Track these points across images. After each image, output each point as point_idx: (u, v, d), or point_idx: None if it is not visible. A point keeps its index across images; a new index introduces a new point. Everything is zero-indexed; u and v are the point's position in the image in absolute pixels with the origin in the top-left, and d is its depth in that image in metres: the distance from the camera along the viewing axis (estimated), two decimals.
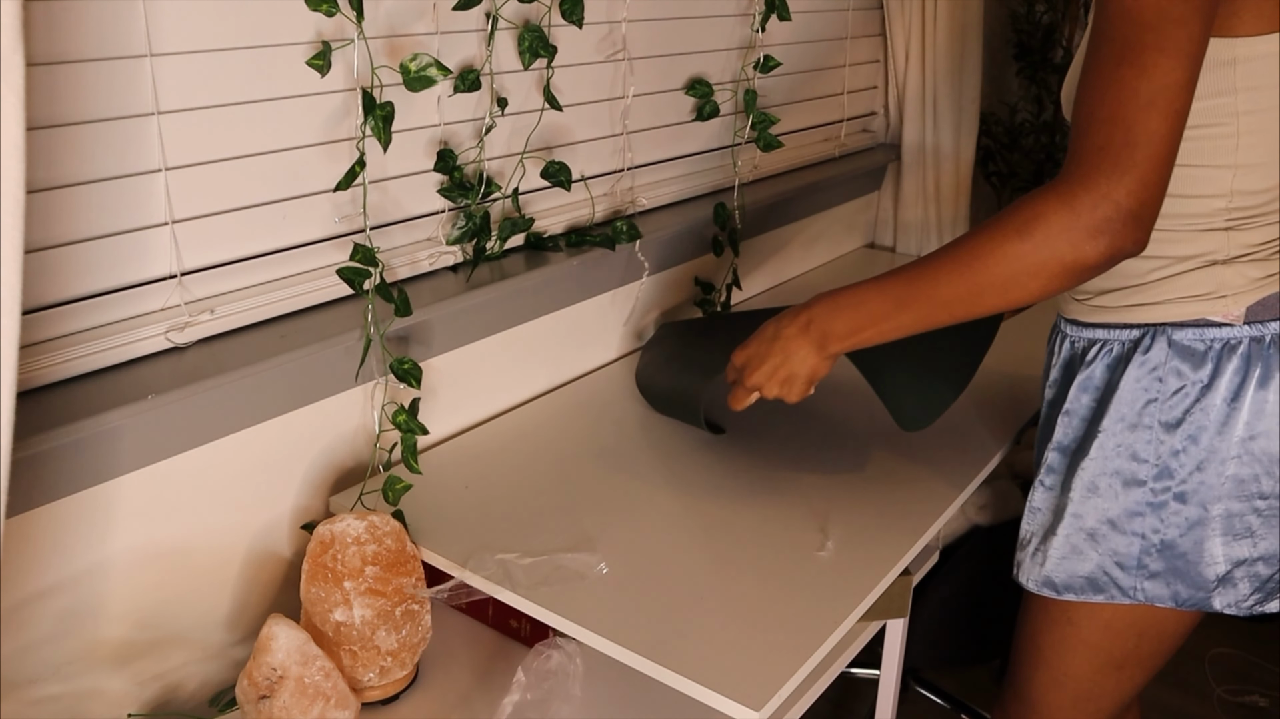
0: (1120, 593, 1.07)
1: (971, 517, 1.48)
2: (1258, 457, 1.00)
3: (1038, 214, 0.88)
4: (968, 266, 0.94)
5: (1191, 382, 1.01)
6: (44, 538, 0.92)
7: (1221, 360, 1.00)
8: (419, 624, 0.99)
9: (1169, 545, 1.04)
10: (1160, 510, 1.04)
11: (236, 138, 1.03)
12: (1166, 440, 1.02)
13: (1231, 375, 1.00)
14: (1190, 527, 1.03)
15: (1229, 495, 1.02)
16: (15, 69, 0.65)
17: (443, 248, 1.27)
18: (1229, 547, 1.03)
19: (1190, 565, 1.04)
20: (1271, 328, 1.00)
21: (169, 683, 1.05)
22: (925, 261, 0.98)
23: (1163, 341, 1.02)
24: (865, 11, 2.02)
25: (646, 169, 1.57)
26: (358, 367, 1.15)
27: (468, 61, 1.23)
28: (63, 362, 0.95)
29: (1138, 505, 1.05)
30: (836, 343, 1.05)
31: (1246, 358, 1.00)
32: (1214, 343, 1.00)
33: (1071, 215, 0.86)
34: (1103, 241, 0.86)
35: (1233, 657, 2.13)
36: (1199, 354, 1.01)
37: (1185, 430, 1.02)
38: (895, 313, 1.01)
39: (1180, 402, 1.02)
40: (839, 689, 2.02)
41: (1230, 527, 1.03)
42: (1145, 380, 1.03)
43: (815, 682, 1.08)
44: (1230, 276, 1.00)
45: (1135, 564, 1.06)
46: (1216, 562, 1.04)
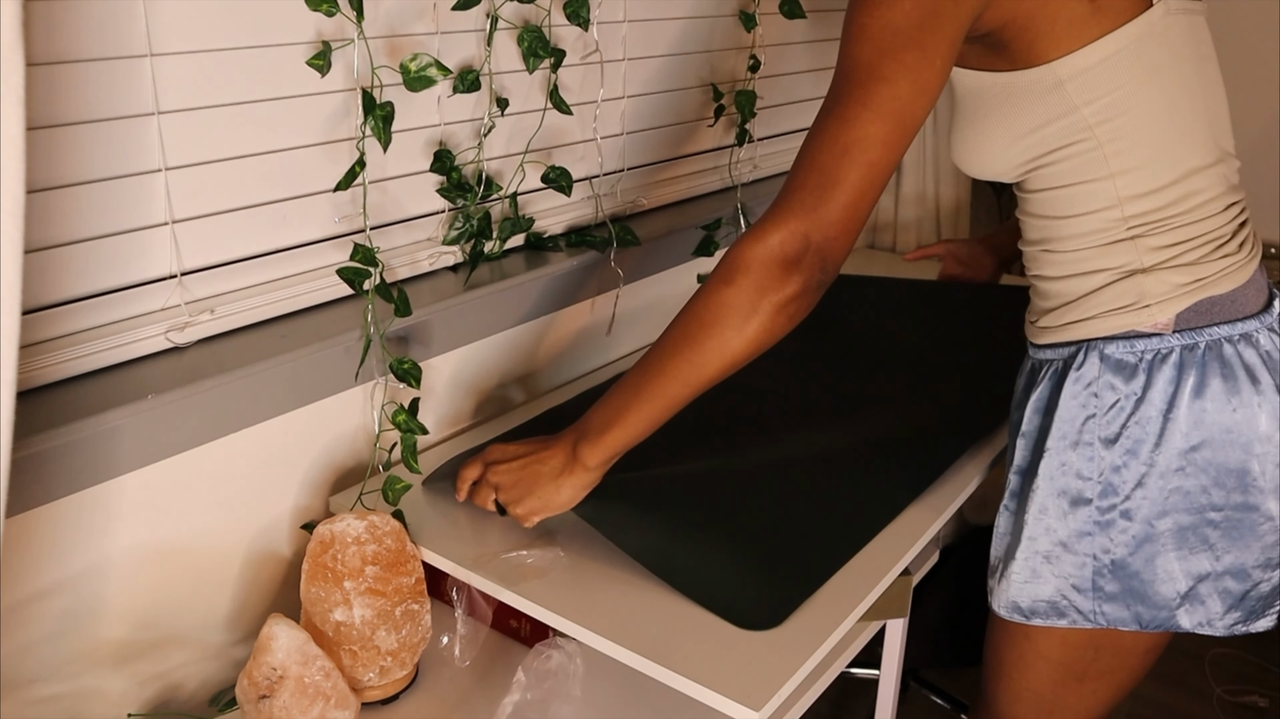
0: (1081, 617, 1.06)
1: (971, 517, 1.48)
2: (1203, 468, 0.99)
3: (736, 258, 0.93)
4: (684, 328, 0.96)
5: (1125, 395, 1.00)
6: (44, 538, 0.92)
7: (1153, 371, 0.99)
8: (419, 624, 0.99)
9: (1120, 565, 1.02)
10: (1108, 529, 1.02)
11: (236, 138, 1.03)
12: (1107, 456, 1.01)
13: (1164, 385, 0.98)
14: (1139, 544, 1.01)
15: (1176, 509, 1.00)
16: (15, 69, 0.65)
17: (442, 248, 1.27)
18: (1185, 561, 1.01)
19: (1145, 585, 1.02)
20: (1206, 334, 0.98)
21: (169, 683, 1.05)
22: (655, 343, 0.99)
23: (1095, 356, 1.02)
24: None
25: (646, 169, 1.57)
26: (358, 366, 1.15)
27: (468, 61, 1.24)
28: (63, 361, 0.95)
29: (1086, 525, 1.03)
30: (588, 446, 1.03)
31: (1179, 366, 0.98)
32: (1145, 354, 1.00)
33: (765, 251, 0.91)
34: (795, 273, 0.91)
35: (1233, 657, 2.13)
36: (1130, 366, 1.00)
37: (1123, 445, 1.00)
38: (634, 401, 1.00)
39: (1116, 416, 1.00)
40: (839, 689, 2.02)
41: (1183, 540, 1.01)
42: (1082, 397, 1.02)
43: (815, 682, 1.08)
44: (1152, 285, 0.99)
45: (1090, 587, 1.04)
46: (1174, 578, 1.02)
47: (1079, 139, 0.98)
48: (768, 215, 0.92)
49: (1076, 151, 0.98)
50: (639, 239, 1.45)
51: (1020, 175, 1.04)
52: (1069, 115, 0.97)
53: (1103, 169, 0.98)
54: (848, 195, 0.90)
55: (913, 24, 0.89)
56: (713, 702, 0.87)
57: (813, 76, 1.92)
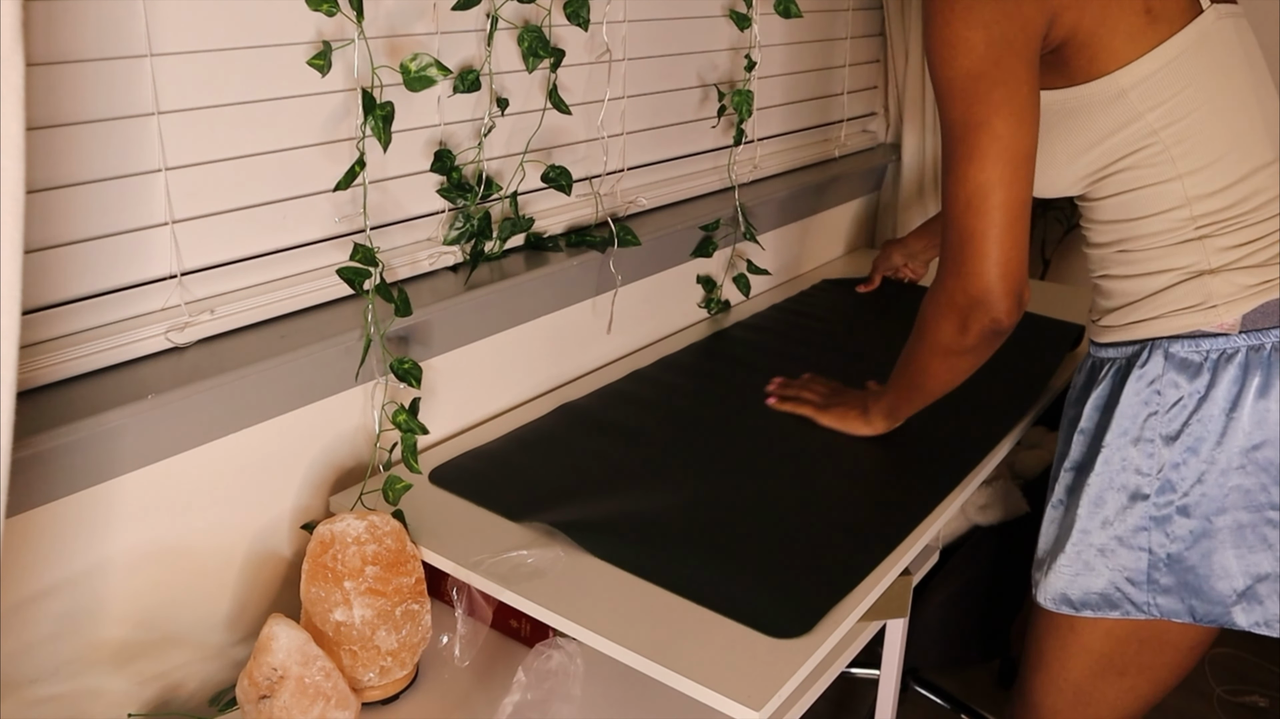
0: (1135, 608, 1.07)
1: (971, 517, 1.48)
2: (1264, 467, 1.00)
3: (922, 315, 1.10)
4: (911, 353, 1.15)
5: (1188, 393, 1.01)
6: (44, 538, 0.92)
7: (1218, 370, 1.00)
8: (419, 624, 0.99)
9: (1176, 560, 1.04)
10: (1165, 524, 1.03)
11: (236, 138, 1.03)
12: (1166, 453, 1.02)
13: (1229, 385, 1.00)
14: (1196, 540, 1.02)
15: (1235, 507, 1.01)
16: (15, 69, 0.65)
17: (442, 248, 1.27)
18: (1244, 560, 1.02)
19: (1202, 580, 1.03)
20: (1272, 335, 0.99)
21: (169, 683, 1.05)
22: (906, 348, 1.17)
23: (1159, 355, 1.03)
24: (865, 11, 2.02)
25: (646, 169, 1.57)
26: (358, 366, 1.15)
27: (468, 61, 1.24)
28: (63, 361, 0.95)
29: (1142, 520, 1.04)
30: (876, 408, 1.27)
31: (1244, 367, 0.99)
32: (1210, 353, 1.01)
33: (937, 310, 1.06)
34: (971, 324, 1.03)
35: (1233, 657, 2.13)
36: (1195, 365, 1.01)
37: (1184, 443, 1.02)
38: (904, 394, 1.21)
39: (1179, 414, 1.02)
40: (839, 689, 2.02)
41: (1242, 539, 1.02)
42: (1144, 394, 1.04)
43: (815, 682, 1.08)
44: (1219, 285, 1.01)
45: (1145, 580, 1.05)
46: (1231, 575, 1.02)
47: (1146, 144, 1.00)
48: (939, 273, 1.04)
49: (1145, 158, 1.01)
50: (639, 239, 1.45)
51: (1087, 187, 1.07)
52: (1134, 123, 1.00)
53: (1170, 170, 1.01)
54: (988, 246, 0.97)
55: (990, 63, 0.94)
56: (713, 702, 0.87)
57: (813, 76, 1.92)
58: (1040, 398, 1.42)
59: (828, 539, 1.08)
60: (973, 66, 0.94)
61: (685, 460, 1.24)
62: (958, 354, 1.07)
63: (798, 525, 1.10)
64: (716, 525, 1.10)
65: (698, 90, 1.62)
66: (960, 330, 1.03)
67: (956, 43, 0.95)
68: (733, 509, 1.13)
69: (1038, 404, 1.41)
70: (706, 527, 1.10)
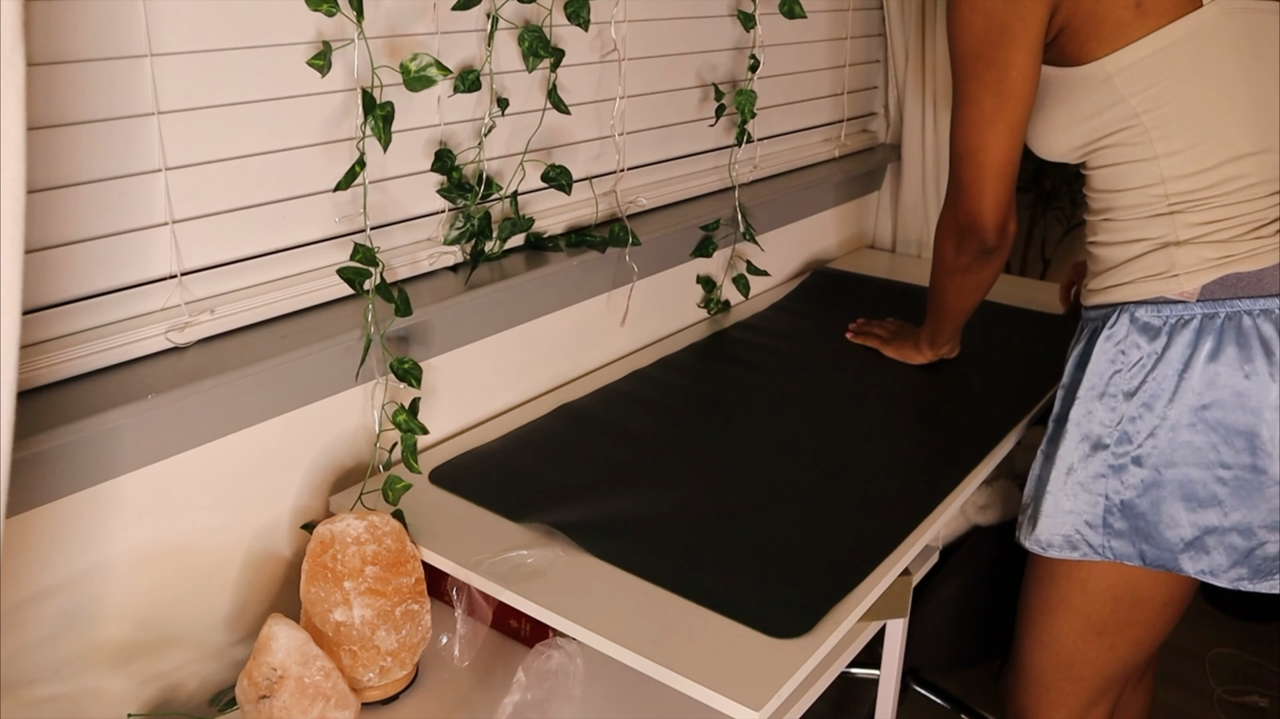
0: (1091, 550, 1.16)
1: (971, 517, 1.48)
2: (1213, 426, 1.08)
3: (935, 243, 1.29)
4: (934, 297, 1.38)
5: (1147, 353, 1.11)
6: (44, 538, 0.92)
7: (1174, 334, 1.09)
8: (419, 624, 0.99)
9: (1128, 506, 1.12)
10: (1121, 473, 1.12)
11: (236, 138, 1.03)
12: (1125, 408, 1.12)
13: (1183, 348, 1.09)
14: (1146, 488, 1.11)
15: (1185, 462, 1.09)
16: (15, 69, 0.65)
17: (443, 248, 1.27)
18: (1194, 512, 1.10)
19: (1151, 526, 1.12)
20: (1228, 306, 1.07)
21: (169, 683, 1.05)
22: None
23: (1125, 318, 1.13)
24: (865, 11, 2.02)
25: (646, 169, 1.57)
26: (358, 366, 1.15)
27: (468, 61, 1.24)
28: (63, 361, 0.95)
29: (1101, 468, 1.14)
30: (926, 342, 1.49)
31: (1198, 332, 1.08)
32: (1169, 318, 1.10)
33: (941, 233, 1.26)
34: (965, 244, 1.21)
35: (1233, 657, 2.13)
36: (1155, 328, 1.11)
37: (1140, 399, 1.11)
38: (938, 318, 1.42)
39: (1138, 372, 1.11)
40: (839, 689, 2.02)
41: (1192, 493, 1.10)
42: (1111, 353, 1.13)
43: (815, 682, 1.08)
44: (1182, 256, 1.10)
45: (1101, 523, 1.14)
46: (1180, 525, 1.10)
47: (1128, 125, 1.10)
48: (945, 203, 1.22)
49: (1127, 137, 1.11)
50: (639, 239, 1.45)
51: (1081, 156, 1.18)
52: (1118, 105, 1.10)
53: (1149, 150, 1.10)
54: (971, 192, 1.15)
55: (986, 46, 1.10)
56: (713, 702, 0.87)
57: (813, 76, 1.92)
58: (1040, 398, 1.42)
59: (828, 539, 1.08)
60: (973, 47, 1.10)
61: (685, 460, 1.24)
62: (960, 271, 1.25)
63: (798, 525, 1.10)
64: (716, 525, 1.10)
65: (698, 90, 1.62)
66: (957, 249, 1.22)
67: (963, 25, 1.11)
68: (732, 509, 1.13)
69: (1037, 404, 1.41)
70: (706, 526, 1.10)
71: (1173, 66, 1.06)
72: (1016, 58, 1.09)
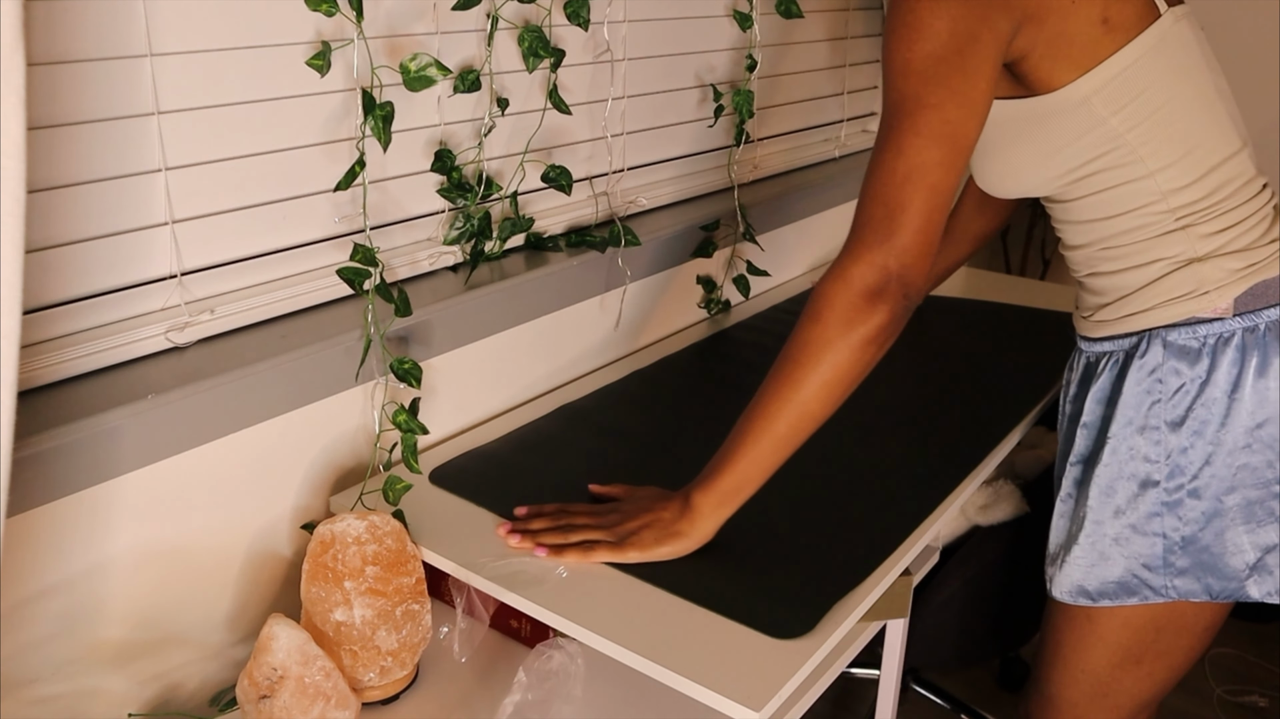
0: (1153, 593, 1.09)
1: (971, 517, 1.48)
2: (1268, 443, 1.02)
3: (820, 296, 0.96)
4: (780, 368, 0.98)
5: (1190, 379, 1.03)
6: (44, 538, 0.92)
7: (1217, 354, 1.03)
8: (419, 624, 0.99)
9: (1191, 541, 1.06)
10: (1177, 509, 1.06)
11: (236, 138, 1.03)
12: (1173, 439, 1.05)
13: (1228, 368, 1.02)
14: (1208, 520, 1.05)
15: (1244, 485, 1.04)
16: (15, 69, 0.65)
17: (442, 248, 1.27)
18: (1254, 534, 1.05)
19: (1216, 558, 1.06)
20: (1265, 316, 1.02)
21: (169, 683, 1.05)
22: (761, 392, 1.00)
23: (1158, 344, 1.05)
24: (865, 11, 2.02)
25: (646, 169, 1.57)
26: (358, 366, 1.15)
27: (468, 61, 1.24)
28: (63, 361, 0.95)
29: (1155, 506, 1.06)
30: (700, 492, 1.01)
31: (1241, 348, 1.02)
32: (1207, 338, 1.03)
33: (846, 287, 0.95)
34: (880, 303, 0.94)
35: (1233, 657, 2.13)
36: (1194, 351, 1.04)
37: (1190, 427, 1.04)
38: (741, 444, 1.00)
39: (1182, 400, 1.04)
40: (839, 689, 2.02)
41: (1251, 514, 1.04)
42: (1146, 383, 1.06)
43: (815, 682, 1.08)
44: (1209, 271, 1.04)
45: (1162, 564, 1.07)
46: (1244, 550, 1.05)
47: (1113, 148, 1.03)
48: (843, 252, 0.96)
49: (1114, 159, 1.04)
50: (639, 239, 1.45)
51: (1058, 189, 1.09)
52: (1098, 127, 1.03)
53: (1141, 169, 1.04)
54: (916, 220, 0.93)
55: (951, 51, 0.94)
56: (713, 702, 0.87)
57: (813, 76, 1.92)
58: (1041, 398, 1.42)
59: (828, 539, 1.08)
60: (935, 50, 0.95)
61: (685, 461, 1.24)
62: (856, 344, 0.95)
63: (798, 525, 1.10)
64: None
65: (697, 90, 1.62)
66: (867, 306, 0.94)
67: (920, 27, 0.96)
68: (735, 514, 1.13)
69: (1038, 404, 1.41)
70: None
71: (1148, 79, 1.01)
72: (984, 69, 0.95)
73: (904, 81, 0.96)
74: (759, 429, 0.98)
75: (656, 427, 1.33)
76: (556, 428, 1.32)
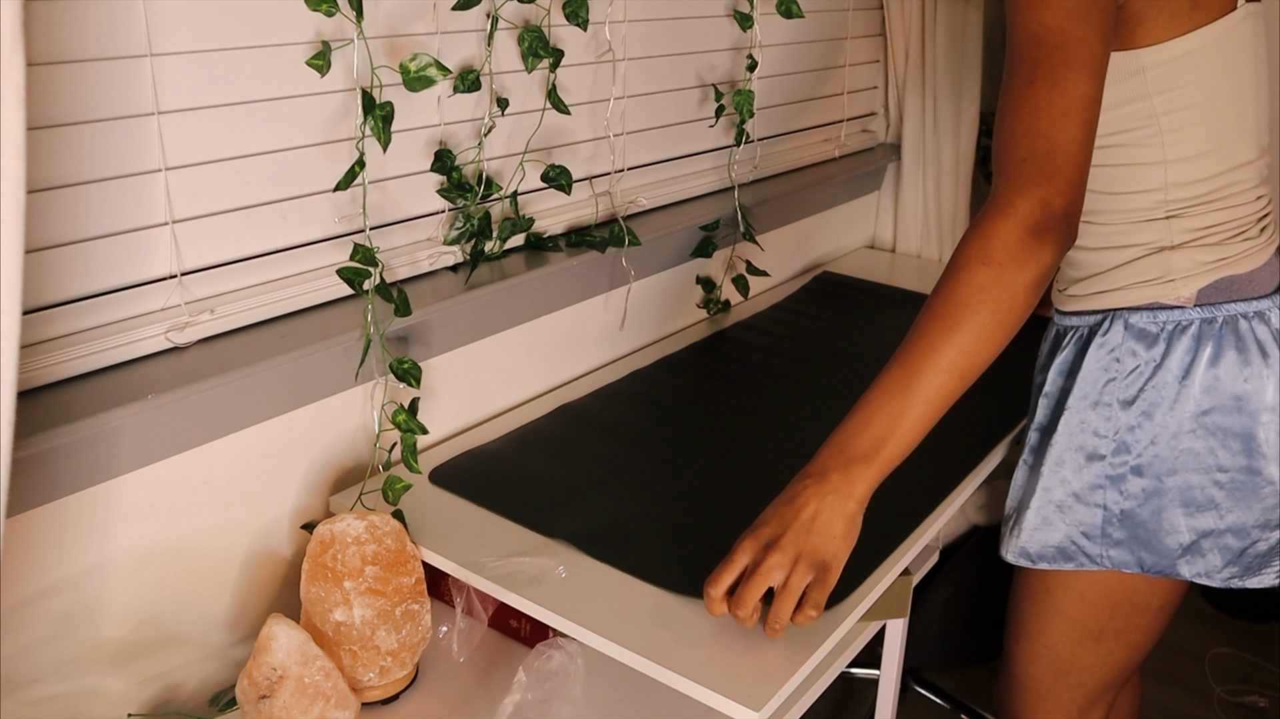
0: (1088, 560, 1.13)
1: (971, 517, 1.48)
2: (1212, 431, 1.06)
3: (988, 236, 0.90)
4: (952, 318, 0.91)
5: (1145, 361, 1.08)
6: (44, 538, 0.92)
7: (1173, 340, 1.06)
8: (419, 624, 0.99)
9: (1129, 515, 1.10)
10: (1119, 483, 1.10)
11: (236, 138, 1.03)
12: (1123, 417, 1.09)
13: (1182, 354, 1.06)
14: (1148, 497, 1.09)
15: (1185, 468, 1.07)
16: (15, 69, 0.65)
17: (442, 248, 1.27)
18: (1192, 518, 1.09)
19: (1151, 534, 1.10)
20: (1224, 310, 1.05)
21: (169, 683, 1.05)
22: (909, 338, 0.93)
23: (1120, 324, 1.09)
24: (865, 11, 2.02)
25: (646, 169, 1.57)
26: (358, 366, 1.15)
27: (468, 61, 1.24)
28: (63, 361, 0.95)
29: (1098, 479, 1.11)
30: (861, 468, 0.91)
31: (1197, 338, 1.06)
32: (1166, 324, 1.07)
33: (1018, 224, 0.89)
34: (1049, 241, 0.89)
35: (1233, 657, 2.13)
36: (1152, 335, 1.07)
37: (1139, 407, 1.08)
38: (907, 403, 0.91)
39: (1135, 380, 1.08)
40: (839, 689, 2.02)
41: (1190, 498, 1.08)
42: (1104, 361, 1.10)
43: (815, 682, 1.08)
44: (1178, 261, 1.07)
45: (1099, 534, 1.12)
46: (1179, 531, 1.09)
47: (1143, 125, 1.05)
48: (1004, 190, 0.91)
49: (1140, 137, 1.05)
50: (639, 239, 1.45)
51: None
52: (1140, 101, 1.04)
53: (1158, 155, 1.05)
54: (1078, 155, 0.90)
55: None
56: (713, 702, 0.87)
57: (813, 76, 1.92)
58: None
59: None
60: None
61: (685, 460, 1.24)
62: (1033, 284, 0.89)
63: None
64: (716, 525, 1.10)
65: (697, 90, 1.62)
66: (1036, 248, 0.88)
67: None
68: (732, 509, 1.13)
69: None
70: (706, 526, 1.10)
71: (1201, 70, 1.02)
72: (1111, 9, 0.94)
73: (1047, 14, 0.92)
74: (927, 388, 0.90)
75: (656, 426, 1.33)
76: (556, 427, 1.32)
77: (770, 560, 0.90)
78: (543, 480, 1.19)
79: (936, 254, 2.11)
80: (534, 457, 1.25)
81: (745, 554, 0.91)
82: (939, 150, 2.04)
